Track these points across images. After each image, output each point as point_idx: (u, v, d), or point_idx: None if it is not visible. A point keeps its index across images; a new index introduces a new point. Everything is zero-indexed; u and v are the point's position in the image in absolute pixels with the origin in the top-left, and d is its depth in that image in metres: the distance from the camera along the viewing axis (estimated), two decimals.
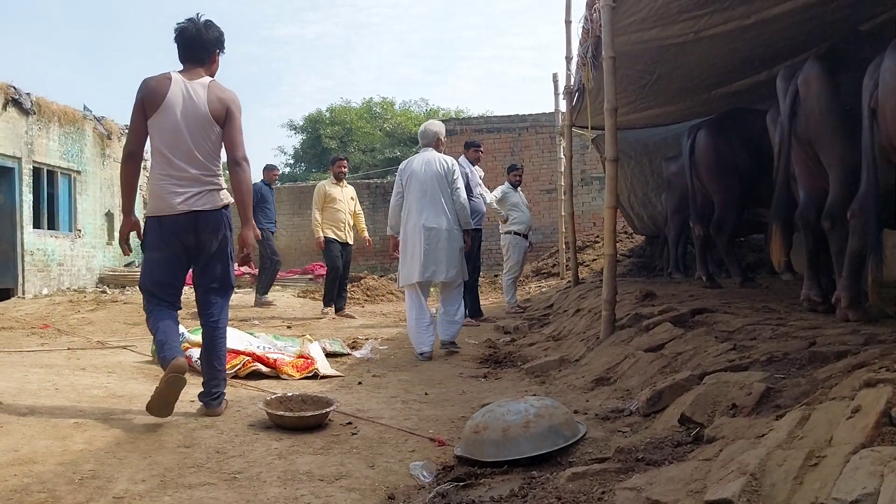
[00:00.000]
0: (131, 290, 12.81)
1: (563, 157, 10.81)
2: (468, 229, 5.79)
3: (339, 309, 8.66)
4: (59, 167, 13.29)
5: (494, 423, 2.70)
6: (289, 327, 7.49)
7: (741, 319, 4.07)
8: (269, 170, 10.27)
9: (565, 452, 2.61)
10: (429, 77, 61.13)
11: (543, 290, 11.32)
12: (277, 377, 4.52)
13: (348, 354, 5.47)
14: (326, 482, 2.56)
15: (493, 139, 15.55)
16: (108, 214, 15.08)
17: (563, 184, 11.10)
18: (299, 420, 3.25)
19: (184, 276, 3.53)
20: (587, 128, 7.93)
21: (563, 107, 9.99)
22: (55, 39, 61.32)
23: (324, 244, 8.44)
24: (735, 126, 6.35)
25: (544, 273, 13.17)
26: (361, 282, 11.55)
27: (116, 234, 14.13)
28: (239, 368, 4.45)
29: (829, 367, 2.63)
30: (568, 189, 8.75)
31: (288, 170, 30.15)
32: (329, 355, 5.19)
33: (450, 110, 29.07)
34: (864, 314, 3.75)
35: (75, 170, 13.77)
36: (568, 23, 8.29)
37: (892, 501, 1.43)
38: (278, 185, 15.50)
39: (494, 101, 65.44)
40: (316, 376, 4.59)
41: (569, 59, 8.31)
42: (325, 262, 8.82)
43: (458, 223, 5.64)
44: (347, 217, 8.62)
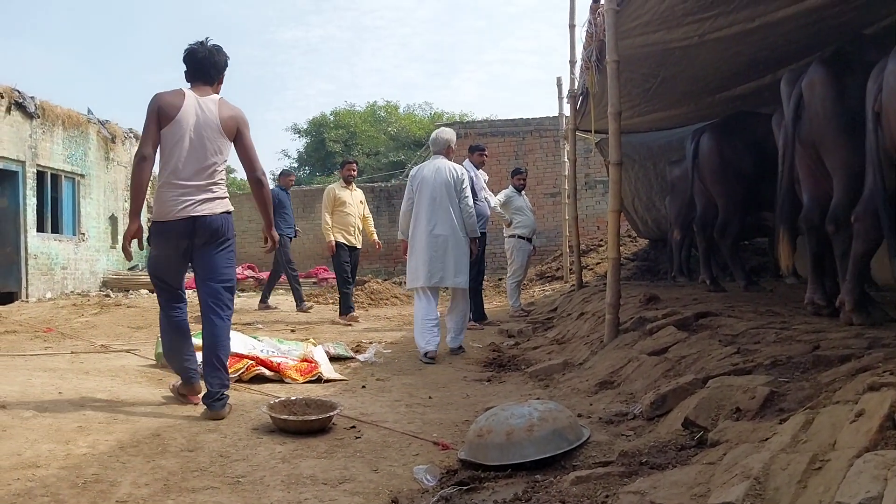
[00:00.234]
0: (135, 293, 12.84)
1: (567, 160, 10.81)
2: (475, 237, 5.91)
3: (343, 313, 8.56)
4: (63, 171, 13.32)
5: (498, 427, 2.70)
6: (292, 331, 7.48)
7: (745, 323, 4.06)
8: (286, 175, 10.27)
9: (569, 456, 2.61)
10: (433, 81, 61.28)
11: (547, 293, 11.31)
12: (281, 381, 4.52)
13: (352, 358, 5.48)
14: (330, 486, 2.56)
15: (498, 143, 15.54)
16: (111, 218, 15.10)
17: (566, 187, 11.12)
18: (303, 424, 3.25)
19: (183, 271, 3.79)
20: (591, 131, 7.93)
21: (567, 110, 9.99)
22: (59, 43, 61.63)
23: (334, 249, 8.39)
24: (739, 130, 6.35)
25: (548, 277, 13.16)
26: (366, 285, 11.54)
27: (120, 238, 14.19)
28: (242, 372, 4.46)
29: (833, 370, 2.62)
30: (572, 193, 8.74)
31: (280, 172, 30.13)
32: (333, 359, 5.20)
33: (454, 114, 29.01)
34: (868, 318, 3.74)
35: (79, 173, 13.81)
36: (572, 26, 8.29)
37: None
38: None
39: (498, 104, 65.55)
40: (320, 380, 4.60)
41: (573, 62, 8.33)
42: (335, 268, 8.74)
43: (465, 230, 5.75)
44: (357, 221, 8.61)
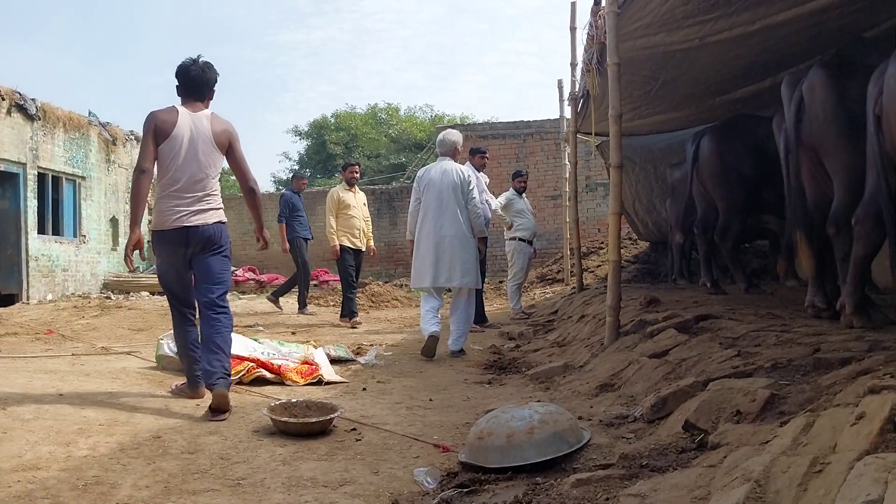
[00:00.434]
0: (136, 295, 12.83)
1: (567, 163, 10.83)
2: (483, 237, 5.96)
3: (345, 315, 8.52)
4: (64, 173, 13.34)
5: (499, 430, 2.70)
6: (293, 333, 7.48)
7: (745, 326, 4.06)
8: (298, 178, 10.24)
9: (569, 459, 2.61)
10: (434, 83, 61.34)
11: (548, 296, 11.31)
12: (282, 383, 4.52)
13: (353, 360, 5.48)
14: (330, 488, 2.56)
15: (498, 145, 15.56)
16: (112, 220, 15.11)
17: (567, 190, 11.11)
18: (303, 426, 3.25)
19: (187, 277, 3.94)
20: (592, 134, 7.94)
21: (567, 113, 10.00)
22: (61, 45, 61.67)
23: (339, 252, 8.31)
24: (739, 132, 6.35)
25: (549, 279, 13.16)
26: (366, 288, 11.55)
27: (122, 241, 14.22)
28: (243, 374, 4.46)
29: (834, 373, 2.62)
30: (572, 195, 8.74)
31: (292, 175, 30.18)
32: (333, 361, 5.19)
33: (455, 116, 29.04)
34: (869, 321, 3.74)
35: (80, 175, 13.82)
36: (573, 29, 8.32)
37: None
38: (282, 190, 15.49)
39: (499, 107, 65.49)
40: (320, 382, 4.59)
41: (574, 65, 8.33)
42: (339, 272, 8.62)
43: (471, 231, 5.80)
44: (361, 223, 8.52)
